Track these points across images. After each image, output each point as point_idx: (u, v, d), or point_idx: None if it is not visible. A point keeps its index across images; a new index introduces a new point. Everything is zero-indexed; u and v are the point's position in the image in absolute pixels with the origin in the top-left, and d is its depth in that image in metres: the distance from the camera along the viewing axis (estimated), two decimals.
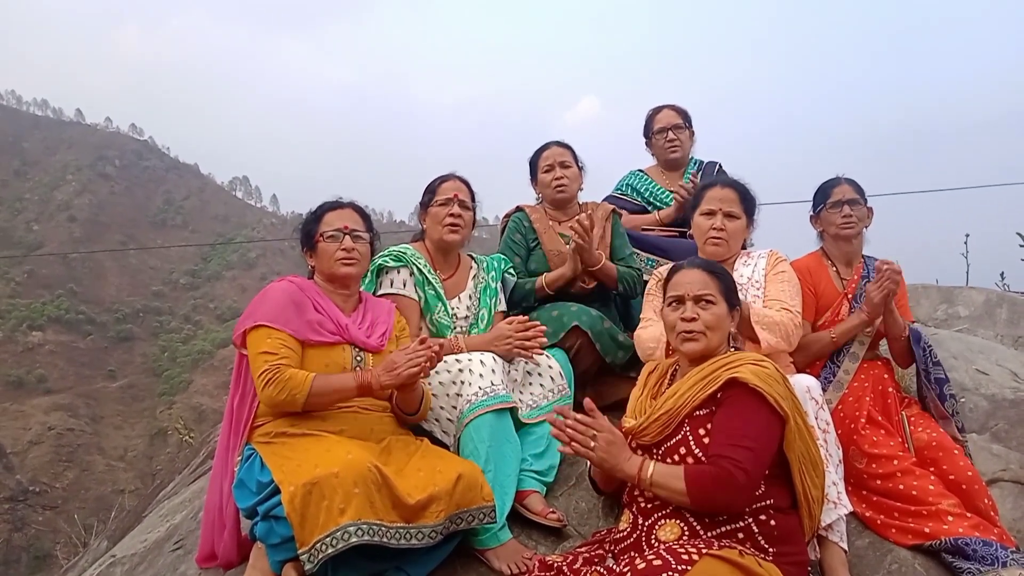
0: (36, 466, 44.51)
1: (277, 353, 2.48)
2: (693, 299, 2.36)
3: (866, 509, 2.74)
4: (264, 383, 2.43)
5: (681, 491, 2.09)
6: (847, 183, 3.26)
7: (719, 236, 2.98)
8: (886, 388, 3.05)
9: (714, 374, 2.24)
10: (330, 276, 2.78)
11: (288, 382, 2.42)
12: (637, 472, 2.17)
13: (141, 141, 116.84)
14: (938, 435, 2.85)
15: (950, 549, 2.52)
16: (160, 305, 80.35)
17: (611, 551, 2.26)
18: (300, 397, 2.43)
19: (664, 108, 4.34)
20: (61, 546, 9.05)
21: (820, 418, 2.56)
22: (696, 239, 3.11)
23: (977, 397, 3.41)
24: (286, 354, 2.50)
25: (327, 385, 2.49)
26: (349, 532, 2.13)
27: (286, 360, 2.48)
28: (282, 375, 2.43)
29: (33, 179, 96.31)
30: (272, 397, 2.43)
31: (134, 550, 3.40)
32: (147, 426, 55.91)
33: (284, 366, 2.46)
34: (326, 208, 2.84)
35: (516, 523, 2.70)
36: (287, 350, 2.51)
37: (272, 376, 2.43)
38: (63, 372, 62.64)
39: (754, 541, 2.10)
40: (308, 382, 2.44)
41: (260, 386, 2.45)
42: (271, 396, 2.43)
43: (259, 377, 2.45)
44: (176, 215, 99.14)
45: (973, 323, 4.65)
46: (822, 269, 3.26)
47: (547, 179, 3.66)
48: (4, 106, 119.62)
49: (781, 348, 2.85)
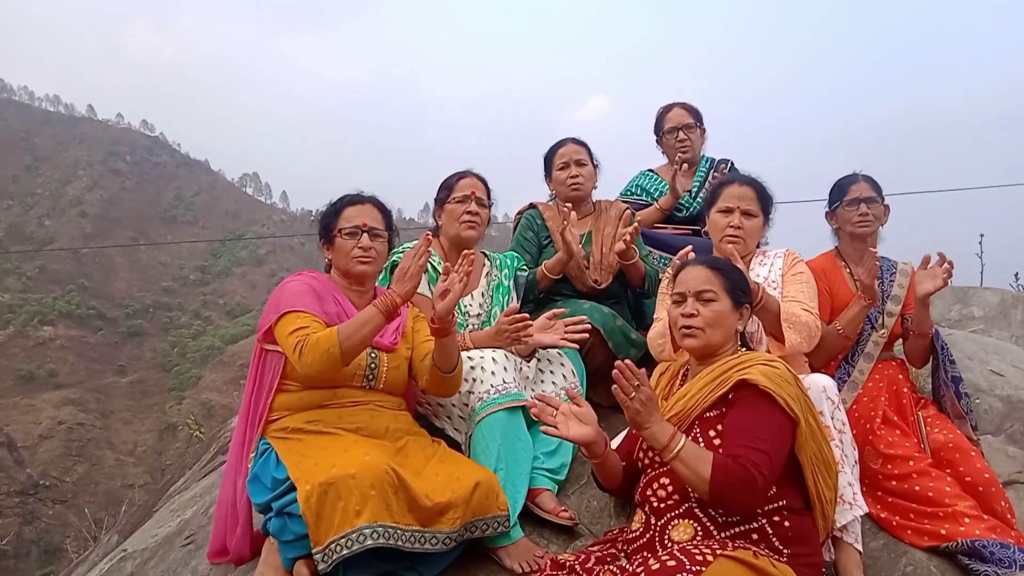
0: (46, 460, 44.75)
1: (307, 327, 2.48)
2: (694, 295, 2.34)
3: (881, 510, 2.71)
4: (298, 355, 2.42)
5: (704, 477, 2.03)
6: (864, 180, 3.23)
7: (736, 234, 2.96)
8: (901, 388, 3.03)
9: (724, 375, 2.22)
10: (346, 272, 2.77)
11: (318, 343, 2.41)
12: (668, 439, 2.09)
13: (152, 137, 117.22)
14: (955, 436, 2.83)
15: (966, 551, 2.50)
16: (170, 301, 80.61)
17: (624, 550, 2.25)
18: (334, 349, 2.40)
19: (675, 107, 4.30)
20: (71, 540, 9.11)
21: (836, 418, 2.54)
22: (712, 236, 3.09)
23: (992, 398, 3.38)
24: (315, 327, 2.49)
25: (352, 325, 2.46)
26: (365, 534, 2.13)
27: (312, 330, 2.47)
28: (309, 341, 2.42)
29: (44, 175, 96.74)
30: (311, 363, 2.41)
31: (145, 545, 3.41)
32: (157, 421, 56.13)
33: (311, 333, 2.45)
34: (347, 202, 2.81)
35: (528, 521, 2.69)
36: (316, 324, 2.51)
37: (302, 346, 2.41)
38: (73, 367, 62.94)
39: (768, 542, 2.09)
40: (334, 333, 2.42)
41: (296, 360, 2.43)
42: (309, 363, 2.41)
43: (292, 353, 2.44)
44: (186, 211, 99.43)
45: (988, 324, 4.61)
46: (837, 270, 3.24)
47: (562, 176, 3.64)
48: (16, 102, 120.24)
49: (803, 349, 2.83)
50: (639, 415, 2.11)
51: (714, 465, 2.04)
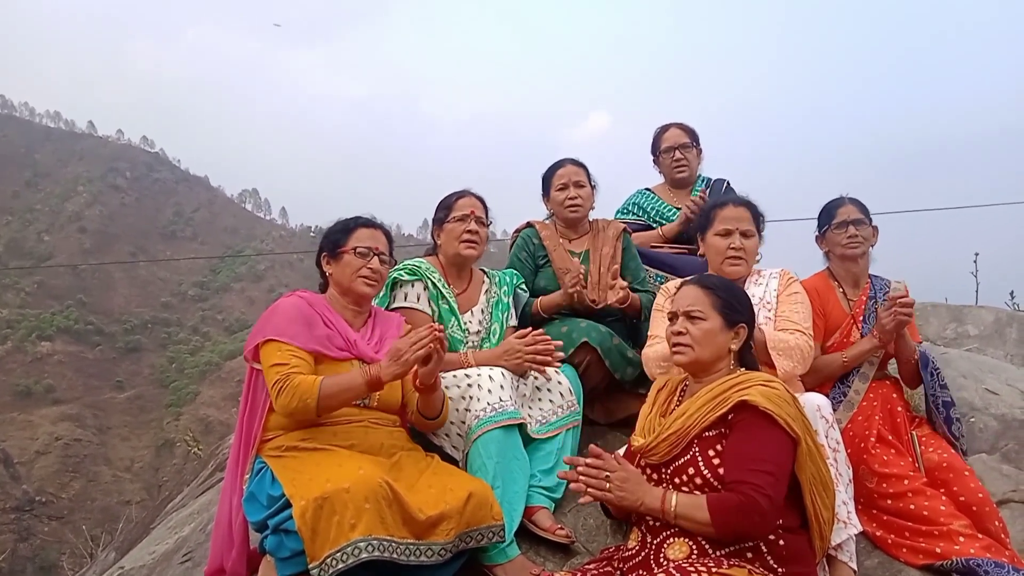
0: (43, 476, 44.56)
1: (288, 363, 2.50)
2: (683, 314, 2.38)
3: (876, 528, 2.73)
4: (277, 392, 2.45)
5: (706, 521, 2.07)
6: (851, 203, 3.28)
7: (739, 256, 3.01)
8: (895, 407, 3.05)
9: (724, 395, 2.23)
10: (347, 290, 2.79)
11: (298, 388, 2.43)
12: (660, 505, 2.14)
13: (152, 153, 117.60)
14: (949, 456, 2.84)
15: (961, 570, 2.50)
16: (168, 317, 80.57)
17: (620, 568, 2.25)
18: (311, 402, 2.43)
19: (671, 127, 4.34)
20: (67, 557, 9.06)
21: (831, 437, 2.56)
22: (710, 259, 3.12)
23: (987, 417, 3.39)
24: (297, 364, 2.52)
25: (335, 385, 2.48)
26: (360, 547, 2.13)
27: (296, 369, 2.50)
28: (292, 382, 2.44)
29: (44, 190, 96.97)
30: (286, 405, 2.44)
31: (142, 562, 3.41)
32: (154, 437, 55.96)
33: (295, 374, 2.47)
34: (360, 223, 2.86)
35: (524, 539, 2.70)
36: (298, 360, 2.53)
37: (283, 385, 2.45)
38: (71, 382, 62.78)
39: (763, 561, 2.09)
40: (316, 385, 2.45)
41: (274, 396, 2.47)
42: (285, 405, 2.44)
43: (272, 388, 2.47)
44: (186, 227, 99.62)
45: (983, 342, 4.62)
46: (830, 290, 3.27)
47: (560, 197, 3.65)
48: (17, 118, 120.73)
49: (797, 372, 2.86)
50: (625, 500, 2.18)
51: (709, 506, 2.08)
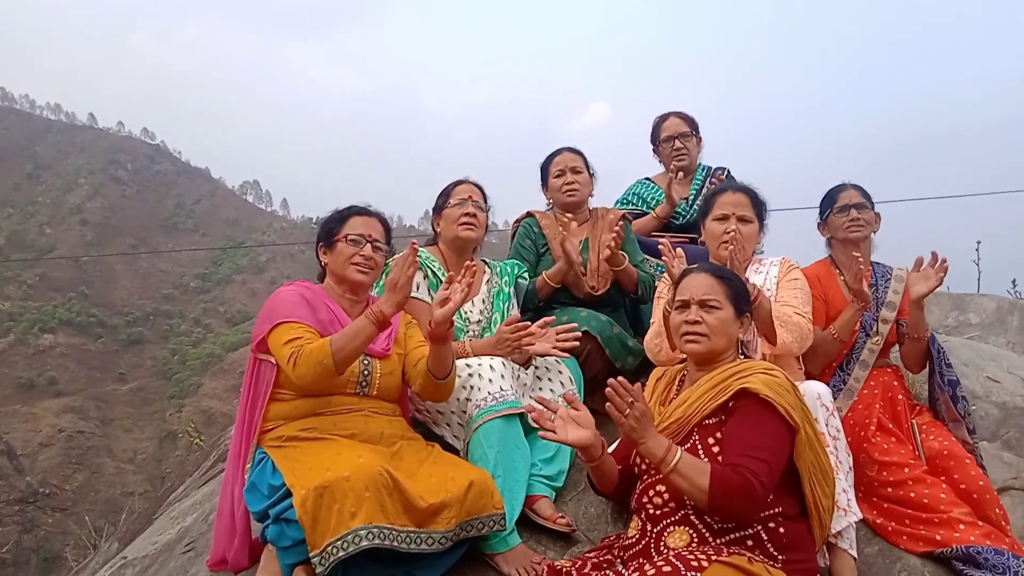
0: (46, 468, 44.68)
1: (301, 337, 2.51)
2: (698, 303, 2.36)
3: (876, 516, 2.73)
4: (292, 366, 2.45)
5: (703, 488, 2.03)
6: (853, 188, 3.28)
7: (734, 236, 2.99)
8: (896, 395, 3.05)
9: (724, 383, 2.23)
10: (341, 278, 2.79)
11: (311, 355, 2.43)
12: (664, 452, 2.09)
13: (153, 145, 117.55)
14: (949, 444, 2.84)
15: (961, 557, 2.51)
16: (170, 308, 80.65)
17: (620, 557, 2.25)
18: (327, 360, 2.43)
19: (671, 116, 4.33)
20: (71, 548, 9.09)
21: (831, 425, 2.56)
22: (709, 245, 3.12)
23: (988, 405, 3.39)
24: (308, 337, 2.52)
25: (344, 336, 2.48)
26: (360, 535, 2.14)
27: (308, 341, 2.50)
28: (303, 351, 2.44)
29: (45, 183, 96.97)
30: (304, 375, 2.43)
31: (145, 552, 3.42)
32: (156, 429, 56.09)
33: (304, 344, 2.47)
34: (354, 211, 2.86)
35: (525, 528, 2.70)
36: (309, 334, 2.54)
37: (296, 357, 2.44)
38: (74, 375, 62.93)
39: (763, 548, 2.10)
40: (327, 344, 2.44)
41: (290, 371, 2.46)
42: (303, 374, 2.43)
43: (287, 364, 2.46)
44: (187, 219, 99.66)
45: (984, 330, 4.63)
46: (831, 277, 3.26)
47: (558, 184, 3.67)
48: (18, 110, 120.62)
49: (793, 350, 2.87)
50: (634, 431, 2.12)
51: (712, 475, 2.04)
